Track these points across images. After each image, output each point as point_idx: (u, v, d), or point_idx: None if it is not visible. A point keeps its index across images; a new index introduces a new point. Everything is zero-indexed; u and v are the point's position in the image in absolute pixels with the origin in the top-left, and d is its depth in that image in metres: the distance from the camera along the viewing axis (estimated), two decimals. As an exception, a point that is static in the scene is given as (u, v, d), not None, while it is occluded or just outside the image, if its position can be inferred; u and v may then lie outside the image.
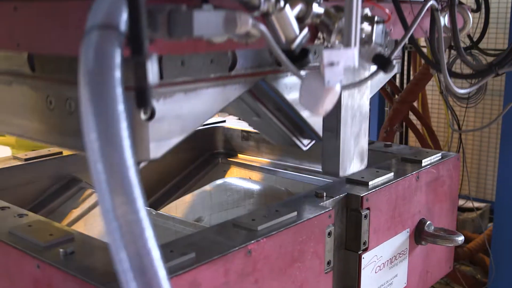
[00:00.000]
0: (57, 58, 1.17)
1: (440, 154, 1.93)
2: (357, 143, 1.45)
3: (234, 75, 1.28)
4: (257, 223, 1.30)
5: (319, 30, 1.21)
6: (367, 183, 1.61)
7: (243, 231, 1.29)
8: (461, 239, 1.76)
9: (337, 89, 1.07)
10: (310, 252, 1.39)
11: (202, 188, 2.04)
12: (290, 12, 1.06)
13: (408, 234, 1.76)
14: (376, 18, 1.27)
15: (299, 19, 1.11)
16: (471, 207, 5.13)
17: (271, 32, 1.00)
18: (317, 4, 1.15)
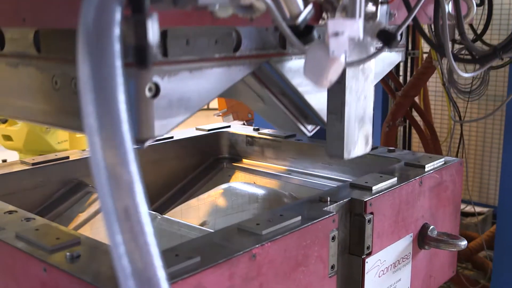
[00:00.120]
0: (62, 37, 1.16)
1: (443, 159, 1.93)
2: (361, 126, 1.44)
3: (239, 56, 1.28)
4: (261, 227, 1.30)
5: (323, 9, 1.20)
6: (371, 188, 1.61)
7: (247, 235, 1.28)
8: (464, 243, 1.76)
9: (342, 60, 1.07)
10: (314, 256, 1.38)
11: (207, 192, 2.04)
12: None
13: (411, 238, 1.76)
14: None
15: None
16: (474, 212, 5.11)
17: (275, 6, 1.00)
18: None
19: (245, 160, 2.51)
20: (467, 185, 4.03)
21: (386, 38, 1.22)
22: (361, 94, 1.42)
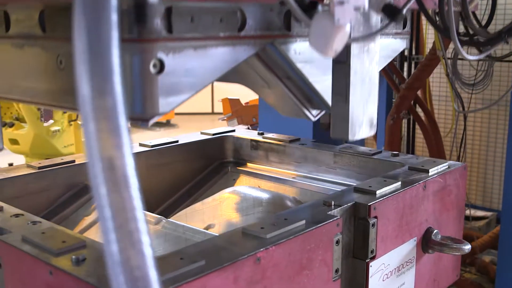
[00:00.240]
0: (67, 16, 1.16)
1: (447, 164, 1.92)
2: (366, 109, 1.42)
3: (243, 35, 1.27)
4: (266, 231, 1.30)
5: None
6: (375, 192, 1.60)
7: (252, 239, 1.28)
8: (468, 247, 1.75)
9: (347, 29, 1.06)
10: (318, 260, 1.38)
11: (211, 196, 2.04)
12: None
13: (415, 242, 1.75)
14: None
15: None
16: (478, 216, 5.10)
17: None
18: None
19: (249, 164, 2.51)
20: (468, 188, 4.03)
21: (391, 13, 1.21)
22: (366, 76, 1.41)
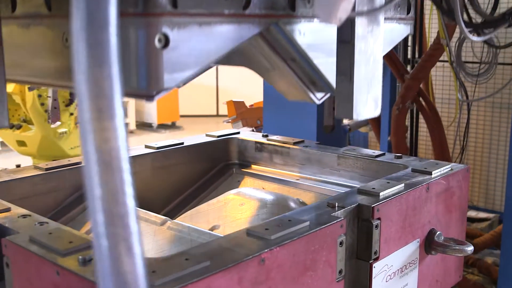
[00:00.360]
0: None
1: (450, 166, 1.92)
2: (370, 88, 1.42)
3: (248, 14, 1.27)
4: (270, 232, 1.30)
5: None
6: (378, 194, 1.60)
7: (256, 240, 1.28)
8: (470, 249, 1.75)
9: None
10: (322, 261, 1.38)
11: (216, 197, 2.04)
12: None
13: (418, 244, 1.75)
14: None
15: None
16: (480, 217, 5.09)
17: None
18: None
19: (254, 166, 2.51)
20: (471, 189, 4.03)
21: None
22: (370, 56, 1.40)
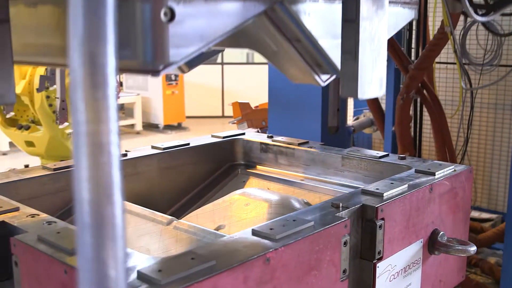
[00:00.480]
0: None
1: (453, 167, 1.92)
2: (375, 68, 1.41)
3: None
4: (275, 232, 1.30)
5: None
6: (382, 194, 1.60)
7: (261, 239, 1.28)
8: (473, 249, 1.75)
9: None
10: (326, 260, 1.38)
11: (222, 198, 2.04)
12: None
13: (421, 244, 1.75)
14: None
15: None
16: (483, 218, 5.08)
17: None
18: None
19: (259, 167, 2.51)
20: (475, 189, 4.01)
21: None
22: (375, 35, 1.39)
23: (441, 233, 1.79)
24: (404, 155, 2.11)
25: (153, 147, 2.30)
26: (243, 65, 13.94)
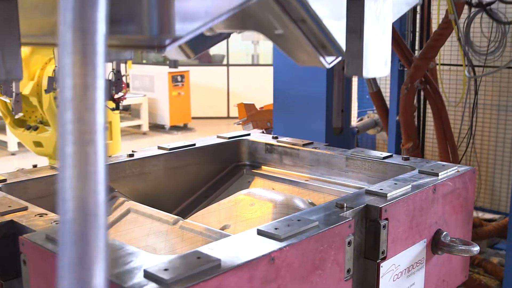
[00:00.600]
0: None
1: (456, 167, 1.91)
2: (380, 47, 1.40)
3: None
4: (280, 231, 1.30)
5: None
6: (386, 195, 1.60)
7: (266, 239, 1.28)
8: (476, 249, 1.74)
9: None
10: (330, 260, 1.38)
11: (227, 198, 2.04)
12: None
13: (425, 244, 1.74)
14: None
15: None
16: (486, 218, 5.06)
17: None
18: None
19: (264, 167, 2.51)
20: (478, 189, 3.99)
21: None
22: (380, 14, 1.38)
23: (445, 233, 1.79)
24: (407, 156, 2.10)
25: (159, 147, 2.30)
26: (248, 66, 13.95)
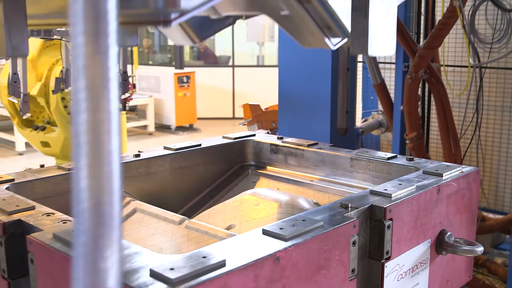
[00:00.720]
0: None
1: (460, 168, 1.91)
2: (385, 25, 1.39)
3: None
4: (285, 231, 1.30)
5: None
6: (390, 195, 1.59)
7: (271, 239, 1.28)
8: (480, 249, 1.73)
9: None
10: (335, 260, 1.38)
11: (233, 198, 2.04)
12: None
13: (429, 244, 1.74)
14: None
15: None
16: (490, 219, 5.04)
17: None
18: None
19: (269, 167, 2.51)
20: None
21: None
22: None
23: (449, 233, 1.79)
24: (412, 157, 2.10)
25: (165, 147, 2.30)
26: (254, 67, 13.94)
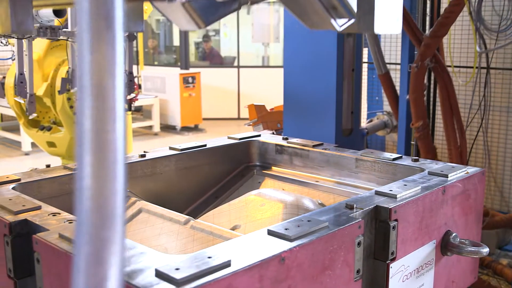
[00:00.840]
0: None
1: (466, 169, 1.90)
2: (391, 2, 1.38)
3: None
4: (290, 232, 1.30)
5: None
6: (396, 196, 1.59)
7: (277, 239, 1.28)
8: (486, 250, 1.73)
9: None
10: (340, 260, 1.37)
11: (238, 198, 2.04)
12: None
13: (434, 245, 1.73)
14: None
15: None
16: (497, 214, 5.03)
17: None
18: None
19: (274, 168, 2.51)
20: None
21: None
22: None
23: (454, 234, 1.78)
24: (417, 157, 2.09)
25: (171, 148, 2.30)
26: (259, 68, 13.94)
